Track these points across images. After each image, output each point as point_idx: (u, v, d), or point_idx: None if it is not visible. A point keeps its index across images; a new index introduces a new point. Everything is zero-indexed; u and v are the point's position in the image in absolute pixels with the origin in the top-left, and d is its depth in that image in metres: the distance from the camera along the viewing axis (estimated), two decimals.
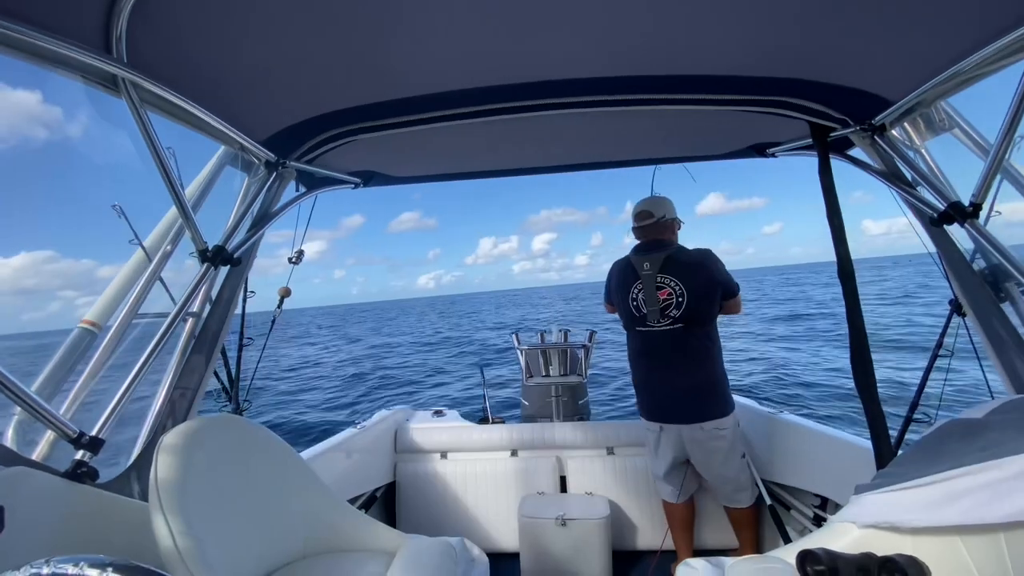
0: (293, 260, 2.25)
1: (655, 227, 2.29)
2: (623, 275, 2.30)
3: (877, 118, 1.63)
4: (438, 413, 3.14)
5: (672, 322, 2.14)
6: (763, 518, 2.45)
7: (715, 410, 2.15)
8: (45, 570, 0.56)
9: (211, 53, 1.22)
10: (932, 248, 1.66)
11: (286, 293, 2.26)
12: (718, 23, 1.24)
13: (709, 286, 2.13)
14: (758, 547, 2.38)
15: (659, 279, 2.16)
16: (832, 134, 1.77)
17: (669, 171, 2.55)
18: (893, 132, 1.69)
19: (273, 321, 2.24)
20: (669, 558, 2.45)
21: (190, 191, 1.61)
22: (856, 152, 1.85)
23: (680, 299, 2.12)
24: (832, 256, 1.64)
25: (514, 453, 2.78)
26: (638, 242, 2.34)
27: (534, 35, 1.26)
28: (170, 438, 1.29)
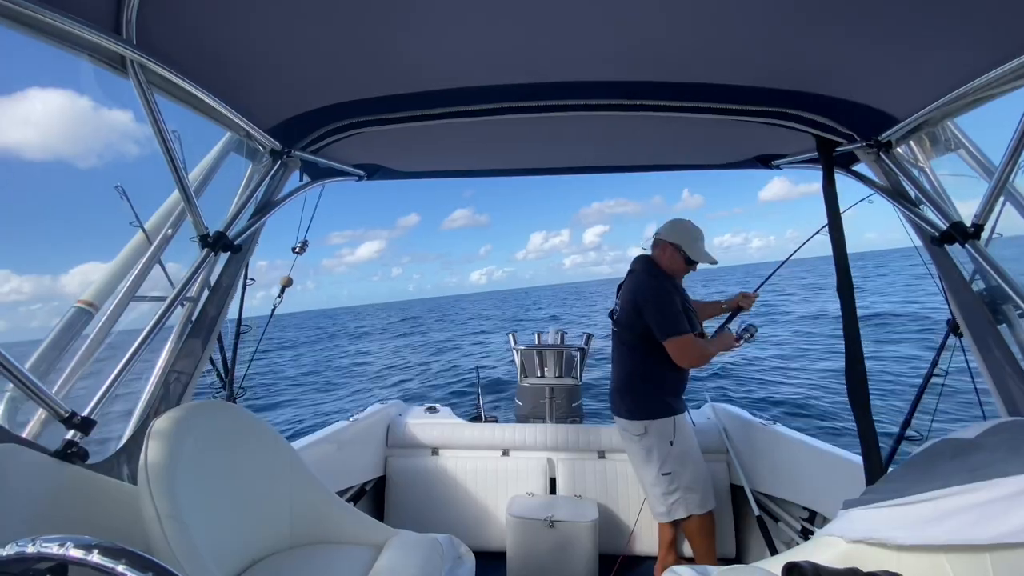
0: (297, 250, 2.24)
1: (653, 241, 2.45)
2: None
3: (883, 135, 1.63)
4: (431, 409, 3.14)
5: (614, 323, 2.40)
6: (750, 528, 2.45)
7: (623, 408, 2.29)
8: (30, 549, 0.55)
9: (221, 39, 1.22)
10: (933, 267, 1.67)
11: (287, 282, 2.25)
12: (730, 33, 1.24)
13: (633, 312, 2.24)
14: (722, 559, 2.36)
15: (622, 287, 2.41)
16: (837, 149, 1.77)
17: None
18: (898, 149, 1.69)
19: (273, 310, 2.24)
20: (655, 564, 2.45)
21: (193, 176, 1.60)
22: (860, 167, 1.86)
23: (620, 308, 2.37)
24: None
25: (505, 453, 2.78)
26: None
27: (544, 36, 1.26)
28: (161, 422, 1.29)
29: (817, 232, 2.30)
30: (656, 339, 2.18)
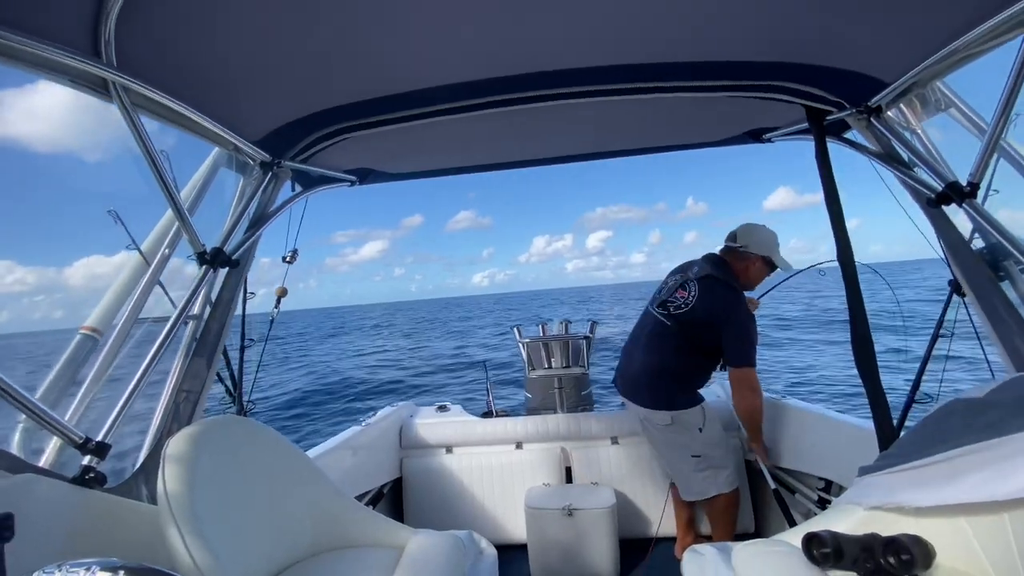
0: (287, 260, 2.24)
1: (731, 251, 2.36)
2: (683, 264, 2.50)
3: (873, 100, 1.62)
4: (442, 408, 3.15)
5: (665, 315, 2.30)
6: (768, 502, 2.46)
7: (650, 399, 2.26)
8: (57, 575, 0.56)
9: (200, 54, 1.21)
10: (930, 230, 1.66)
11: (283, 293, 2.25)
12: (711, 9, 1.23)
13: (704, 318, 2.19)
14: (742, 534, 2.38)
15: (689, 283, 2.29)
16: (828, 117, 1.76)
17: (736, 164, 2.52)
18: (889, 113, 1.68)
19: (272, 321, 2.24)
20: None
21: (185, 194, 1.60)
22: (853, 135, 1.85)
23: (685, 306, 2.25)
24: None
25: (519, 446, 2.79)
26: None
27: (525, 26, 1.25)
28: (176, 442, 1.30)
29: (826, 263, 2.37)
30: (707, 345, 2.19)
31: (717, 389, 2.94)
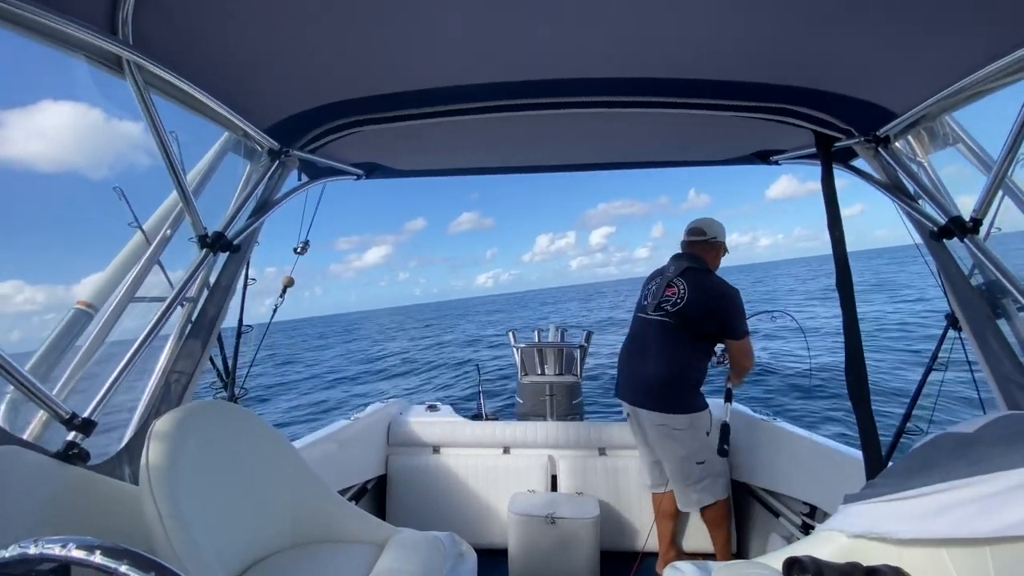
0: (298, 251, 2.24)
1: (700, 244, 2.43)
2: (654, 271, 2.53)
3: (882, 130, 1.63)
4: (432, 408, 3.15)
5: (664, 315, 2.30)
6: (751, 523, 2.45)
7: (666, 403, 2.26)
8: (33, 550, 0.56)
9: (217, 38, 1.22)
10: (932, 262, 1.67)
11: (289, 282, 2.25)
12: (728, 30, 1.24)
13: (708, 310, 2.24)
14: (730, 553, 2.38)
15: (674, 280, 2.34)
16: (836, 144, 1.77)
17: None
18: (897, 144, 1.69)
19: (275, 309, 2.24)
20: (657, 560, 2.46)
21: (191, 176, 1.60)
22: (859, 163, 1.86)
23: (680, 300, 2.27)
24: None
25: (506, 450, 2.78)
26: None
27: (543, 33, 1.26)
28: (162, 423, 1.29)
29: (771, 311, 2.87)
30: (709, 337, 2.26)
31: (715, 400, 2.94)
